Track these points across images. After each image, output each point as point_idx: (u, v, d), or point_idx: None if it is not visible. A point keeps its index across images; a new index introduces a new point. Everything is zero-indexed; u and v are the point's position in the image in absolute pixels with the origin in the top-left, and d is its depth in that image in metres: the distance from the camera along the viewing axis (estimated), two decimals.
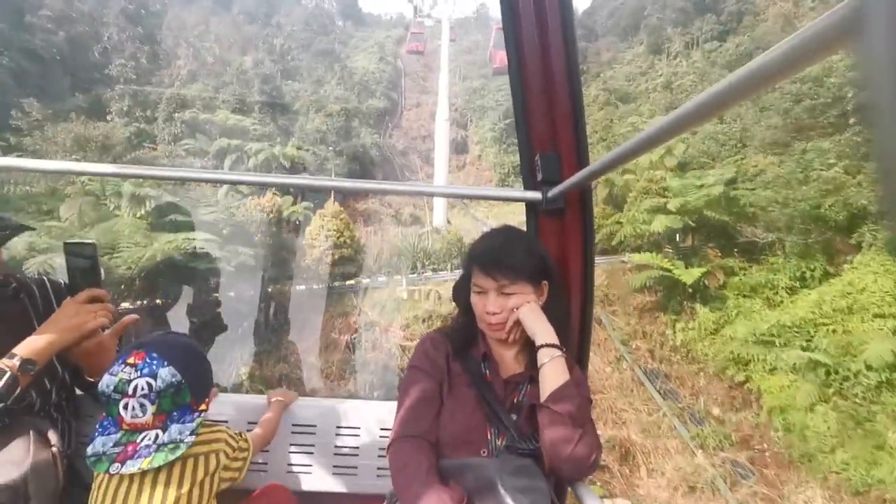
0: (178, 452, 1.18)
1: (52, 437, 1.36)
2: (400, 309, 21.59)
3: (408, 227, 36.12)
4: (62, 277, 1.59)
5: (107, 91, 39.22)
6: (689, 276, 18.61)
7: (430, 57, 74.61)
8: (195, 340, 1.40)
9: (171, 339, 1.31)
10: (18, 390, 1.26)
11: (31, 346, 1.30)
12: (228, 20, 71.04)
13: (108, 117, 38.91)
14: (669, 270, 19.27)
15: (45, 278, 1.62)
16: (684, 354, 17.62)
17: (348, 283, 24.12)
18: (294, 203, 32.94)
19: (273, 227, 26.23)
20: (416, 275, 29.67)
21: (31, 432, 1.32)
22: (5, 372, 1.24)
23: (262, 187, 28.89)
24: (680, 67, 51.71)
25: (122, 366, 1.21)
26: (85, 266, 1.46)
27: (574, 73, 1.70)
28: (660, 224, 20.48)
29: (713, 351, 17.36)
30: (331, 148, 42.03)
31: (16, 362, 1.26)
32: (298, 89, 57.90)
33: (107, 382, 1.20)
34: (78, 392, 1.67)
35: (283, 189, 33.37)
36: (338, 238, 23.65)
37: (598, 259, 26.59)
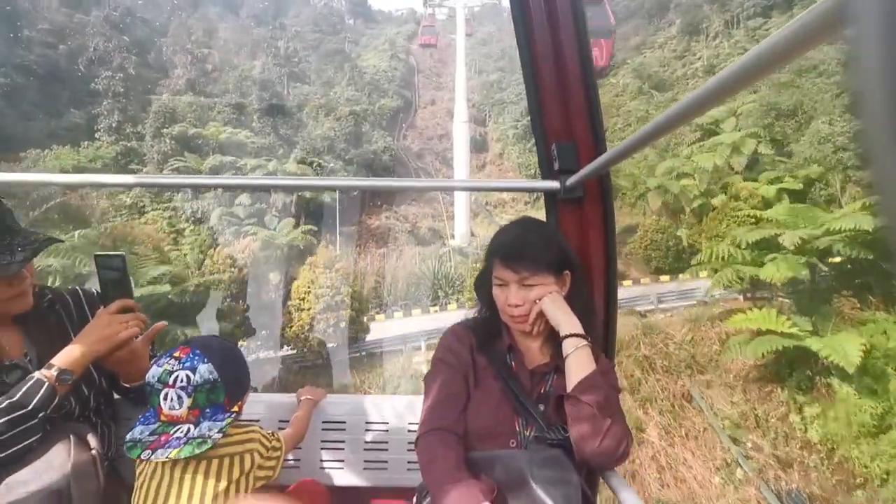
0: (205, 447, 1.19)
1: (92, 440, 1.37)
2: (418, 388, 16.08)
3: (427, 247, 31.05)
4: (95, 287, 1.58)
5: (96, 106, 34.96)
6: (831, 348, 12.43)
7: (443, 51, 69.79)
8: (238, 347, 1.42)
9: (216, 341, 1.34)
10: (56, 400, 1.29)
11: (68, 356, 1.33)
12: (232, 24, 66.56)
13: (98, 135, 34.74)
14: (799, 340, 13.03)
15: (78, 289, 1.62)
16: (827, 458, 12.10)
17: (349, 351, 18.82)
18: (296, 226, 28.14)
19: (247, 283, 20.81)
20: (437, 308, 24.59)
21: (70, 436, 1.33)
22: (43, 383, 1.27)
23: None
24: (721, 48, 45.49)
25: (169, 358, 1.26)
26: (115, 277, 1.48)
27: (586, 59, 1.64)
28: (777, 272, 13.99)
29: (881, 466, 11.42)
30: (339, 156, 37.11)
31: (53, 373, 1.29)
32: (308, 92, 53.47)
33: (153, 373, 1.25)
34: (116, 396, 1.67)
35: (288, 211, 28.55)
36: (333, 297, 18.13)
37: (672, 302, 21.09)
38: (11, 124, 32.60)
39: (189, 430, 1.22)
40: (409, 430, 1.84)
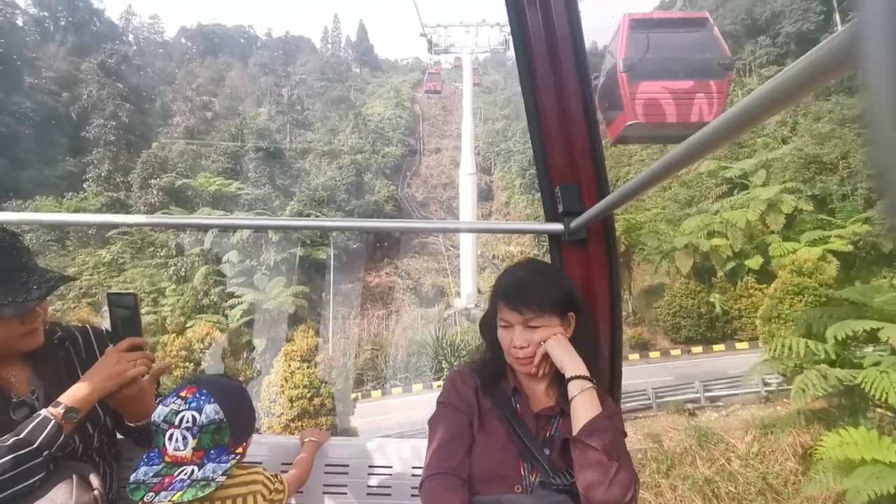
0: (208, 490, 1.18)
1: (94, 480, 1.36)
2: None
3: (430, 307, 28.08)
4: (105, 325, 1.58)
5: (86, 155, 33.04)
6: None
7: (448, 99, 69.19)
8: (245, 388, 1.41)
9: (223, 381, 1.34)
10: (62, 438, 1.27)
11: (75, 394, 1.31)
12: (238, 72, 66.23)
13: (87, 185, 32.63)
14: None
15: (87, 327, 1.61)
16: None
17: None
18: (288, 285, 25.33)
19: None
20: (441, 382, 21.29)
21: (73, 476, 1.32)
22: (50, 420, 1.25)
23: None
24: (735, 96, 43.84)
25: (175, 398, 1.24)
26: (126, 315, 1.47)
27: (589, 103, 1.67)
28: (890, 385, 10.02)
29: None
30: (340, 207, 34.74)
31: (60, 411, 1.27)
32: (312, 139, 52.10)
33: (159, 412, 1.24)
34: (119, 436, 1.63)
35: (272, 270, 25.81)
36: (310, 400, 14.13)
37: (721, 389, 17.85)
38: (2, 173, 30.62)
39: (193, 471, 1.20)
40: (414, 475, 1.77)
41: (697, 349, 22.62)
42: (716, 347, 22.50)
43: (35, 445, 1.22)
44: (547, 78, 1.65)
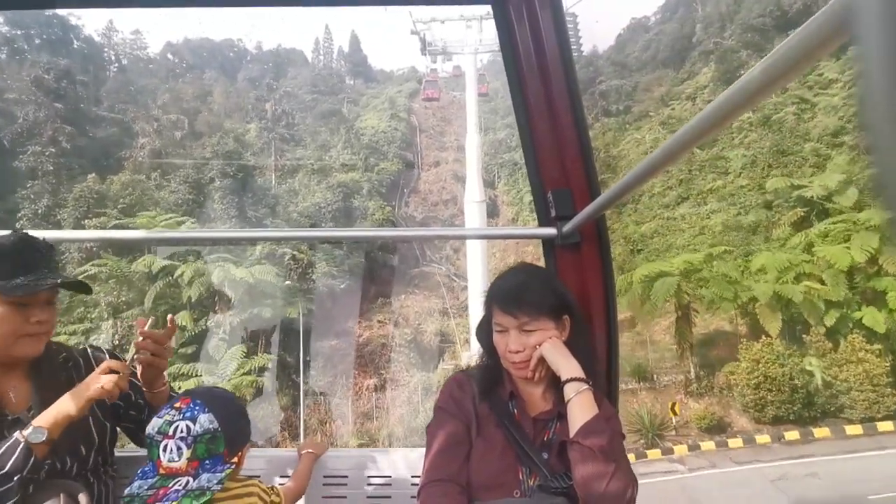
0: (203, 499, 1.15)
1: (83, 499, 1.33)
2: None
3: (432, 370, 21.85)
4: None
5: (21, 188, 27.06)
6: None
7: (447, 109, 63.75)
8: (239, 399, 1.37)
9: (216, 392, 1.32)
10: (32, 461, 1.22)
11: (45, 416, 1.27)
12: (222, 88, 60.43)
13: (20, 224, 26.50)
14: None
15: (87, 349, 1.58)
16: None
17: None
18: (249, 354, 19.23)
19: None
20: None
21: (61, 495, 1.29)
22: (19, 443, 1.21)
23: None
24: (769, 97, 37.96)
25: (169, 409, 1.23)
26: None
27: (578, 107, 1.68)
28: None
29: None
30: (325, 239, 28.56)
31: (26, 432, 1.24)
32: (301, 157, 46.47)
33: (153, 424, 1.23)
34: (116, 454, 1.59)
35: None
36: None
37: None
38: None
39: (188, 482, 1.18)
40: (413, 484, 1.71)
41: (792, 433, 16.43)
42: (818, 432, 16.31)
43: (4, 471, 1.18)
44: (536, 86, 1.67)
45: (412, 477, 1.70)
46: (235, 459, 1.27)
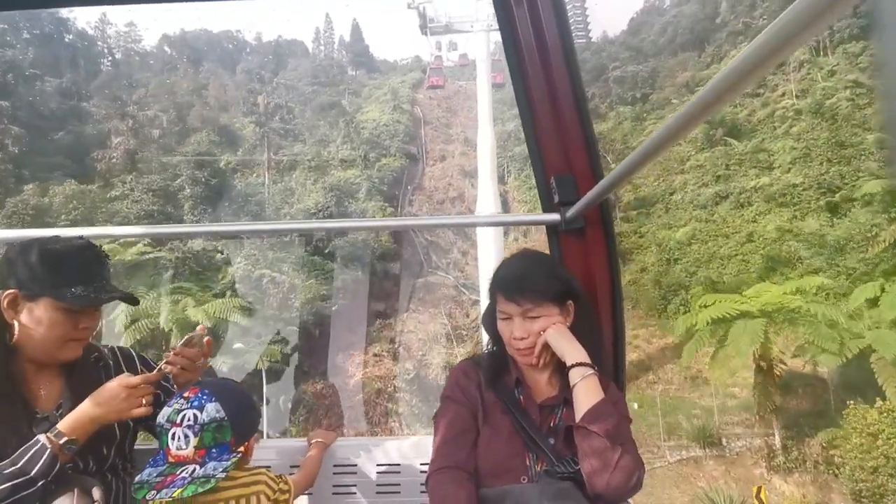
0: (208, 486, 1.16)
1: (96, 493, 1.31)
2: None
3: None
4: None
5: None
6: None
7: (451, 99, 58.72)
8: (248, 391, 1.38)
9: (225, 382, 1.33)
10: (58, 467, 1.22)
11: (76, 422, 1.25)
12: (217, 81, 55.80)
13: None
14: None
15: (116, 348, 1.55)
16: None
17: None
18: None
19: None
20: None
21: (75, 490, 1.28)
22: (46, 449, 1.20)
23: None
24: (813, 82, 32.77)
25: (179, 398, 1.24)
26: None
27: (579, 91, 1.63)
28: None
29: None
30: (317, 250, 24.35)
31: (59, 441, 1.22)
32: (299, 152, 42.19)
33: (163, 413, 1.24)
34: (136, 447, 1.58)
35: None
36: None
37: None
38: None
39: (195, 469, 1.19)
40: (421, 472, 1.70)
41: None
42: None
43: (30, 476, 1.19)
44: (537, 72, 1.63)
45: (420, 465, 1.69)
46: (243, 449, 1.26)
